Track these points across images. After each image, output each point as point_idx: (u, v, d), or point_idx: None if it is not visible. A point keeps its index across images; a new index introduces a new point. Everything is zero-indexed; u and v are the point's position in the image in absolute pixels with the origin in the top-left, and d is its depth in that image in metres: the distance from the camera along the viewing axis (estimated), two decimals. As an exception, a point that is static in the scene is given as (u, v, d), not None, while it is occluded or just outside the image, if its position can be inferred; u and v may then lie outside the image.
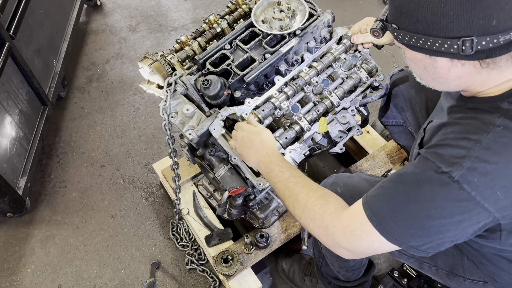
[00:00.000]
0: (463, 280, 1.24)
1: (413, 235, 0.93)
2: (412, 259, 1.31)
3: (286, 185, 1.16)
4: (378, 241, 0.97)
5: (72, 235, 2.06)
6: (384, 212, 0.95)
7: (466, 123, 0.93)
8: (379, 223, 0.95)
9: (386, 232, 0.95)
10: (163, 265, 1.94)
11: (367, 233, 0.98)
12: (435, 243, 0.94)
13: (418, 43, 0.90)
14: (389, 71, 1.90)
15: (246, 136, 1.29)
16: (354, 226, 1.00)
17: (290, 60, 1.54)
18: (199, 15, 3.13)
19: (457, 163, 0.87)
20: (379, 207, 0.97)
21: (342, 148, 1.52)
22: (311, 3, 1.55)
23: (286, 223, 1.78)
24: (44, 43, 2.30)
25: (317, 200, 1.09)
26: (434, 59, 0.91)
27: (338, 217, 1.04)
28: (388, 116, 1.69)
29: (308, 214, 1.09)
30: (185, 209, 1.89)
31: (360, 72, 1.48)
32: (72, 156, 2.35)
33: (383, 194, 0.98)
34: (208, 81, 1.37)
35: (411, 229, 0.93)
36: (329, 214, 1.05)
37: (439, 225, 0.90)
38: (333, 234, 1.03)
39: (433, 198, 0.89)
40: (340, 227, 1.02)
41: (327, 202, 1.08)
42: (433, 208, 0.89)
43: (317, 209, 1.07)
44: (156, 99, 2.58)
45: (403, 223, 0.93)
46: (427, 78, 0.99)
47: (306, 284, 1.77)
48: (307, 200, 1.10)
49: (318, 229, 1.07)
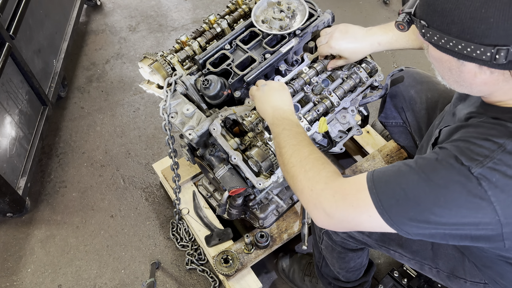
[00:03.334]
0: (464, 282, 1.23)
1: (411, 218, 0.90)
2: (413, 261, 1.30)
3: (295, 136, 1.13)
4: (368, 215, 0.93)
5: (72, 235, 2.06)
6: (388, 187, 0.92)
7: (489, 127, 0.90)
8: (378, 196, 0.92)
9: (384, 208, 0.91)
10: (163, 265, 1.94)
11: (360, 203, 0.94)
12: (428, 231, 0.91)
13: (448, 45, 0.85)
14: (389, 71, 1.90)
15: (282, 85, 1.29)
16: (348, 191, 0.97)
17: (290, 60, 1.54)
18: (199, 15, 3.13)
19: (478, 160, 0.85)
20: (384, 181, 0.94)
21: (342, 148, 1.52)
22: (311, 3, 1.55)
23: (286, 223, 1.78)
24: (44, 43, 2.30)
25: (320, 158, 1.07)
26: (461, 62, 0.87)
27: (334, 178, 1.01)
28: (388, 116, 1.69)
29: (305, 164, 1.06)
30: (185, 209, 1.89)
31: (360, 72, 1.48)
32: (72, 156, 2.35)
33: (392, 171, 0.95)
34: (208, 81, 1.37)
35: (411, 211, 0.90)
36: (327, 173, 1.02)
37: (441, 215, 0.88)
38: (321, 190, 1.00)
39: (447, 186, 0.87)
40: (332, 187, 0.99)
41: (328, 163, 1.06)
42: (443, 195, 0.87)
43: (318, 164, 1.05)
44: (156, 99, 2.58)
45: (405, 203, 0.90)
46: (450, 79, 0.95)
47: (306, 284, 1.78)
48: (310, 154, 1.08)
49: (307, 182, 1.03)
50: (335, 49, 1.39)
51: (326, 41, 1.40)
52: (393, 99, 1.62)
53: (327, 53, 1.43)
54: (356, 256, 1.46)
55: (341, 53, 1.40)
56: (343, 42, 1.37)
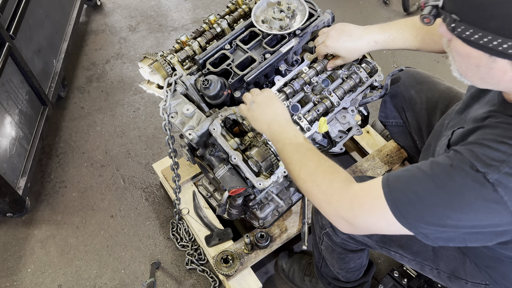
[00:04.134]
0: (465, 283, 1.23)
1: (428, 223, 0.91)
2: (413, 262, 1.30)
3: (297, 149, 1.13)
4: (386, 220, 0.94)
5: (72, 235, 2.06)
6: (404, 194, 0.93)
7: (507, 128, 0.88)
8: (395, 203, 0.93)
9: (400, 214, 0.92)
10: (163, 265, 1.94)
11: (376, 210, 0.95)
12: (446, 234, 0.92)
13: (481, 40, 0.80)
14: (389, 71, 1.90)
15: (268, 97, 1.27)
16: (364, 199, 0.98)
17: (290, 60, 1.54)
18: (199, 15, 3.13)
19: (494, 166, 0.84)
20: (400, 187, 0.94)
21: (342, 148, 1.52)
22: (311, 3, 1.55)
23: (286, 223, 1.78)
24: (44, 43, 2.30)
25: (328, 168, 1.06)
26: (493, 59, 0.83)
27: (347, 187, 1.01)
28: (388, 116, 1.69)
29: (316, 178, 1.05)
30: (185, 209, 1.89)
31: (360, 72, 1.48)
32: (72, 156, 2.35)
33: (407, 176, 0.95)
34: (208, 81, 1.37)
35: (428, 216, 0.90)
36: (339, 182, 1.02)
37: (458, 219, 0.88)
38: (338, 202, 1.00)
39: (462, 192, 0.86)
40: (348, 197, 0.99)
41: (338, 172, 1.05)
42: (459, 201, 0.87)
43: (327, 175, 1.04)
44: (156, 99, 2.58)
45: (422, 208, 0.90)
46: (474, 76, 0.91)
47: (306, 284, 1.77)
48: (318, 166, 1.07)
49: (322, 195, 1.04)
50: (331, 48, 1.38)
51: (323, 41, 1.40)
52: (393, 99, 1.62)
53: (324, 52, 1.42)
54: (356, 257, 1.46)
55: (337, 52, 1.39)
56: (339, 41, 1.36)
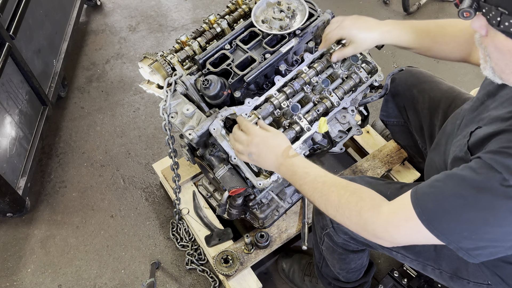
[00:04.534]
0: (467, 282, 1.23)
1: (466, 237, 0.91)
2: (415, 262, 1.30)
3: (314, 187, 1.13)
4: (423, 237, 0.95)
5: (72, 235, 2.06)
6: (436, 212, 0.93)
7: None
8: (430, 222, 0.93)
9: (438, 231, 0.93)
10: (163, 265, 1.94)
11: (413, 230, 0.96)
12: (488, 251, 0.92)
13: None
14: (389, 71, 1.90)
15: (262, 141, 1.24)
16: (398, 222, 0.99)
17: (290, 60, 1.54)
18: (199, 15, 3.13)
19: None
20: (431, 207, 0.94)
21: (342, 148, 1.52)
22: (311, 3, 1.55)
23: (286, 223, 1.78)
24: (44, 43, 2.30)
25: (350, 197, 1.06)
26: None
27: (377, 213, 1.01)
28: (389, 115, 1.69)
29: (343, 213, 1.06)
30: (185, 209, 1.89)
31: (360, 72, 1.48)
32: (72, 156, 2.35)
33: (437, 194, 0.95)
34: (208, 81, 1.37)
35: (465, 232, 0.91)
36: (367, 211, 1.03)
37: (495, 232, 0.88)
38: (373, 230, 1.02)
39: (494, 208, 0.86)
40: (381, 223, 1.00)
41: (361, 199, 1.05)
42: (492, 217, 0.87)
43: (353, 207, 1.05)
44: (156, 99, 2.58)
45: (457, 225, 0.91)
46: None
47: (306, 284, 1.77)
48: (340, 199, 1.07)
49: (355, 226, 1.05)
50: (346, 30, 1.35)
51: (337, 25, 1.38)
52: (395, 98, 1.62)
53: (337, 36, 1.39)
54: (357, 257, 1.46)
55: (351, 37, 1.36)
56: (355, 26, 1.35)
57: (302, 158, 1.23)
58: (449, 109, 1.44)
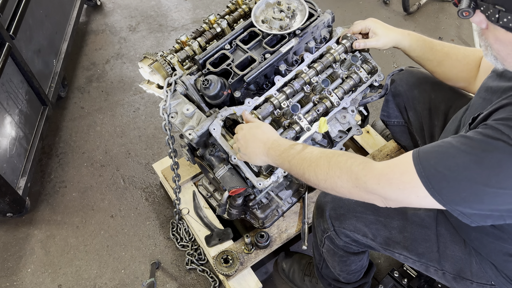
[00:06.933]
0: (470, 283, 1.23)
1: (464, 199, 0.90)
2: (418, 263, 1.29)
3: (302, 158, 1.13)
4: (416, 195, 0.94)
5: (72, 235, 2.06)
6: (437, 169, 0.92)
7: None
8: (428, 179, 0.92)
9: (435, 190, 0.92)
10: (163, 265, 1.94)
11: (407, 185, 0.95)
12: (484, 213, 0.91)
13: None
14: (389, 71, 1.90)
15: (248, 132, 1.27)
16: (392, 175, 0.98)
17: (290, 60, 1.54)
18: (199, 15, 3.13)
19: None
20: (433, 163, 0.93)
21: (342, 148, 1.52)
22: (311, 3, 1.55)
23: (286, 223, 1.78)
24: (44, 43, 2.30)
25: (340, 157, 1.06)
26: None
27: (369, 167, 1.01)
28: (390, 115, 1.69)
29: (334, 172, 1.05)
30: (185, 209, 1.89)
31: (360, 72, 1.48)
32: (72, 156, 2.35)
33: (440, 152, 0.94)
34: (208, 81, 1.37)
35: (464, 193, 0.90)
36: (358, 165, 1.02)
37: (495, 195, 0.87)
38: (365, 183, 1.01)
39: (500, 166, 0.85)
40: (374, 175, 1.00)
41: (351, 157, 1.05)
42: (495, 176, 0.86)
43: (343, 165, 1.04)
44: (156, 99, 2.58)
45: (457, 184, 0.90)
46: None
47: (306, 284, 1.77)
48: (329, 161, 1.07)
49: (347, 183, 1.04)
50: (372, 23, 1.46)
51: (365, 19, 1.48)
52: (396, 98, 1.62)
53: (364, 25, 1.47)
54: (358, 259, 1.46)
55: (377, 30, 1.45)
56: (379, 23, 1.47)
57: (287, 140, 1.24)
58: (450, 110, 1.44)
